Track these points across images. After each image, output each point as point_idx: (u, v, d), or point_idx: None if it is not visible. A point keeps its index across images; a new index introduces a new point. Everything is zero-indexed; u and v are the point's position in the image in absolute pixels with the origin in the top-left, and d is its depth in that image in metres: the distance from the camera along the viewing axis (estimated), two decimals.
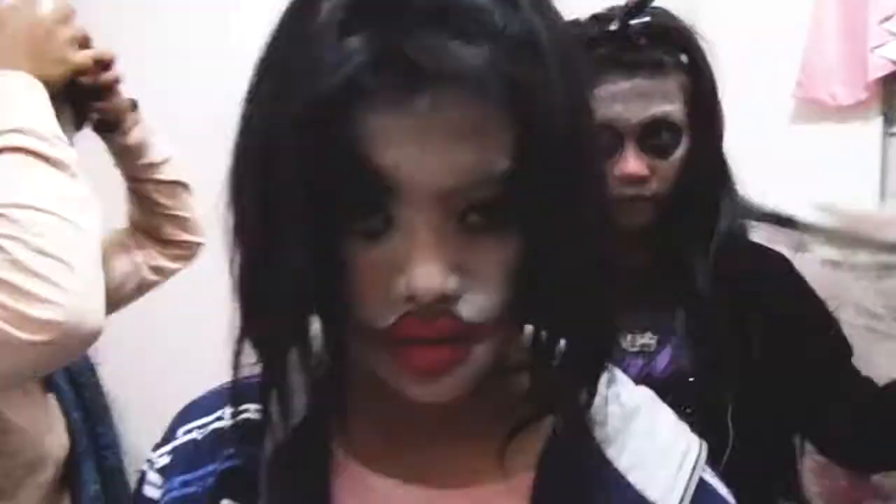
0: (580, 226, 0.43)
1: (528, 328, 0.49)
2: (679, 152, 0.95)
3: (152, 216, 1.19)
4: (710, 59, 0.97)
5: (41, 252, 0.76)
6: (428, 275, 0.40)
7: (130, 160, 1.16)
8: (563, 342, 0.47)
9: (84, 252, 0.80)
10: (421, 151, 0.39)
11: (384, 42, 0.38)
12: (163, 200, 1.18)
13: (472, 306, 0.42)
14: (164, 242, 1.20)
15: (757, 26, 2.55)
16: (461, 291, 0.42)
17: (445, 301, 0.41)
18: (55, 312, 0.75)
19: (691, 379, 0.97)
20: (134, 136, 1.13)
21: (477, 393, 0.45)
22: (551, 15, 0.44)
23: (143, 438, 1.13)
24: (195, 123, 1.41)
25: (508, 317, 0.44)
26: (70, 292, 0.76)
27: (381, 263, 0.42)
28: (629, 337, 1.01)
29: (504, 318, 0.44)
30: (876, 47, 2.44)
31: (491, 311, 0.43)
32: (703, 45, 0.97)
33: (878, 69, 2.45)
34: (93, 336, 0.79)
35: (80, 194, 0.83)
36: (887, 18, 2.42)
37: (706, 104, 0.96)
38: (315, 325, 0.47)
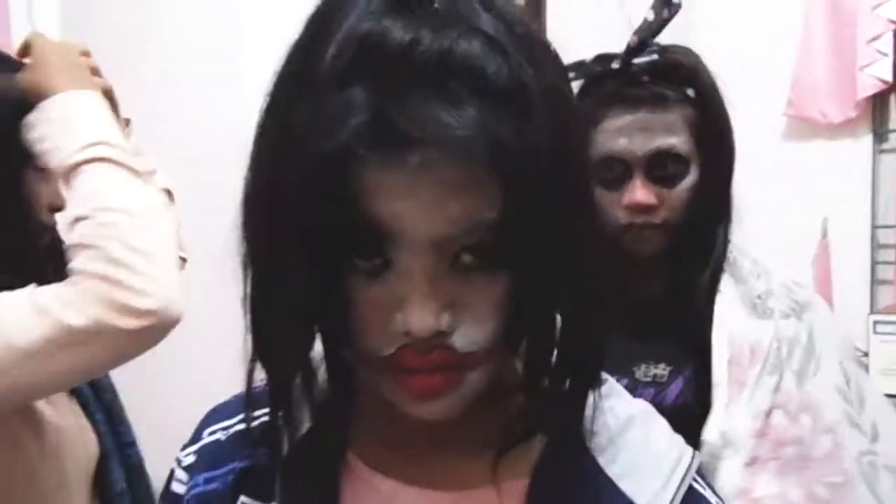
0: (568, 263, 0.45)
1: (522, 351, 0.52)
2: (687, 182, 0.98)
3: None
4: (719, 91, 1.00)
5: (134, 250, 0.86)
6: (423, 315, 0.43)
7: None
8: (553, 364, 0.50)
9: (167, 249, 0.90)
10: (414, 205, 0.42)
11: (378, 105, 0.41)
12: None
13: (466, 338, 0.45)
14: None
15: (748, 45, 2.58)
16: (454, 326, 0.45)
17: (440, 336, 0.44)
18: (151, 302, 0.85)
19: (700, 411, 0.98)
20: (132, 143, 1.15)
21: (473, 410, 0.48)
22: (543, 61, 0.45)
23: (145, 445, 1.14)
24: (199, 131, 1.43)
25: (500, 345, 0.47)
26: (161, 284, 0.86)
27: (382, 300, 0.45)
28: (642, 367, 1.02)
29: (495, 346, 0.47)
30: (865, 66, 2.48)
31: (483, 342, 0.46)
32: (711, 80, 1.00)
33: (868, 88, 2.49)
34: (177, 321, 0.88)
35: (157, 200, 0.94)
36: (875, 38, 2.46)
37: (712, 136, 0.99)
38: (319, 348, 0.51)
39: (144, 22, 1.60)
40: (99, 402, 1.06)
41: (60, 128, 0.93)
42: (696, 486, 0.53)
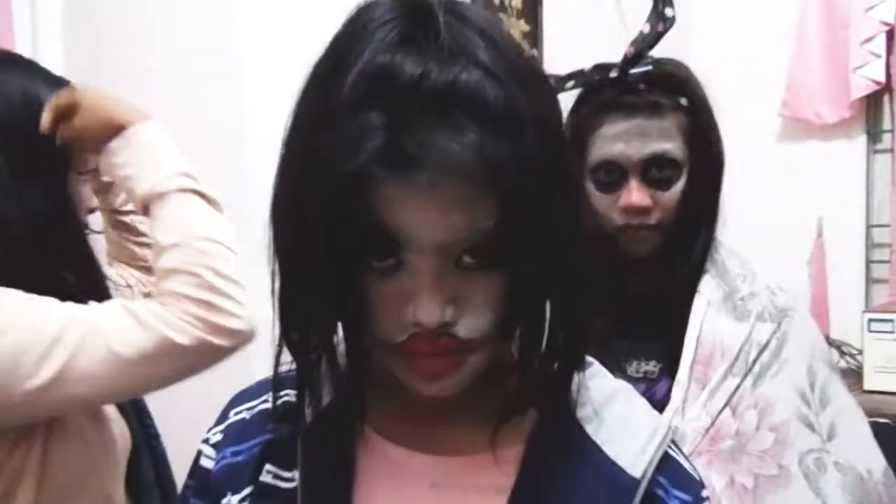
0: (556, 263, 0.52)
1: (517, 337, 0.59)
2: (680, 185, 1.02)
3: (137, 247, 1.24)
4: (708, 101, 1.04)
5: (223, 276, 0.96)
6: (431, 308, 0.50)
7: (117, 195, 1.20)
8: (544, 348, 0.57)
9: (240, 273, 0.98)
10: (422, 216, 0.49)
11: (392, 131, 0.47)
12: (146, 230, 1.21)
13: (467, 328, 0.52)
14: (148, 269, 1.23)
15: (743, 47, 2.61)
16: (457, 317, 0.52)
17: (445, 326, 0.51)
18: (240, 323, 0.95)
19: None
20: None
21: (474, 388, 0.56)
22: (535, 88, 0.51)
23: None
24: (197, 131, 1.45)
25: (497, 332, 0.54)
26: (244, 306, 0.96)
27: (394, 294, 0.52)
28: (634, 364, 1.06)
29: (493, 333, 0.53)
30: (858, 67, 2.51)
31: (482, 330, 0.53)
32: (702, 90, 1.04)
33: (861, 88, 2.52)
34: (251, 339, 0.98)
35: (229, 227, 1.01)
36: (868, 40, 2.49)
37: (703, 142, 1.03)
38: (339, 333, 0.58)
39: (147, 21, 1.61)
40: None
41: (145, 155, 0.99)
42: (671, 452, 0.59)
